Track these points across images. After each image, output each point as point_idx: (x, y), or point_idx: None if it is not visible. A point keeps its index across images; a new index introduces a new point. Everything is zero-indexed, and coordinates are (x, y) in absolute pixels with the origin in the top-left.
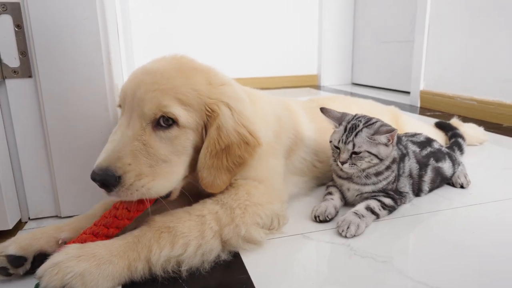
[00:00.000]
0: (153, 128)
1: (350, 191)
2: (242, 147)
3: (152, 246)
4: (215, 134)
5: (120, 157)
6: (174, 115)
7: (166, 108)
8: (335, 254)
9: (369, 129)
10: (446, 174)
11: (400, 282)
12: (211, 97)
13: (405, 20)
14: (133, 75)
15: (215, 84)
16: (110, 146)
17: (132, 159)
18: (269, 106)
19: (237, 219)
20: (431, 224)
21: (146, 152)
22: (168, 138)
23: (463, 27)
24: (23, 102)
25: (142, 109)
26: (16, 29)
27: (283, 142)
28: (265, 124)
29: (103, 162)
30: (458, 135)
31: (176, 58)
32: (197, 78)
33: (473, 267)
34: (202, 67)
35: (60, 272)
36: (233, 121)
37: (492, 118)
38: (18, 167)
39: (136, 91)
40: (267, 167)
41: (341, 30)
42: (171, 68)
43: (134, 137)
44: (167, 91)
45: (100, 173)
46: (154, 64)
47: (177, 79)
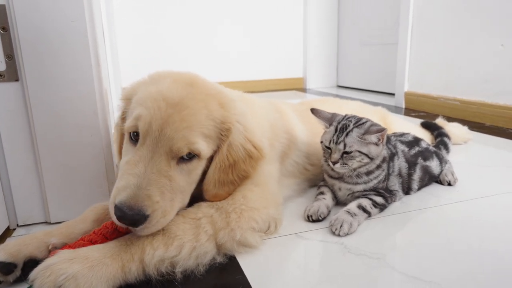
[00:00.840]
0: (177, 163)
1: (342, 190)
2: (246, 162)
3: (146, 247)
4: (225, 151)
5: (149, 195)
6: (198, 150)
7: (193, 145)
8: (329, 252)
9: (360, 129)
10: (434, 173)
11: (394, 277)
12: (225, 121)
13: (388, 22)
14: (154, 104)
15: (226, 105)
16: (132, 181)
17: (160, 196)
18: (262, 112)
19: (232, 223)
20: (420, 221)
21: (170, 187)
22: (188, 170)
23: (445, 28)
24: (10, 107)
25: (171, 147)
26: (2, 32)
27: (276, 148)
28: (260, 132)
29: (131, 200)
30: (444, 134)
31: (191, 83)
32: (212, 105)
33: (463, 261)
34: (213, 88)
35: (53, 274)
36: (241, 137)
37: (475, 118)
38: (5, 173)
39: (164, 128)
40: (262, 172)
41: (326, 33)
42: (193, 98)
43: (161, 173)
44: (194, 128)
45: (130, 213)
46: (173, 93)
47: (200, 112)
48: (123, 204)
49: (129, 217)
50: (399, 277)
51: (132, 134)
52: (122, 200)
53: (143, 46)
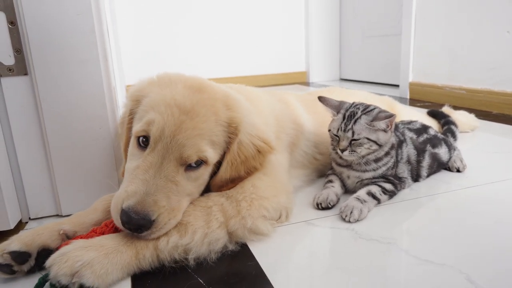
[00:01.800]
0: (185, 170)
1: (350, 178)
2: (256, 157)
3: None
4: (236, 149)
5: (156, 201)
6: (206, 158)
7: (202, 153)
8: (341, 238)
9: (368, 116)
10: (442, 160)
11: (406, 261)
12: (232, 123)
13: (391, 13)
14: (168, 110)
15: (233, 106)
16: (142, 187)
17: (166, 201)
18: (267, 105)
19: (243, 212)
20: (431, 206)
21: (176, 191)
22: (195, 176)
23: (449, 17)
24: (20, 101)
25: (181, 154)
26: (10, 26)
27: (283, 139)
28: (266, 125)
29: (137, 206)
30: (451, 122)
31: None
32: (220, 108)
33: (476, 244)
34: (219, 91)
35: (69, 260)
36: (249, 134)
37: (481, 106)
38: (16, 167)
39: (177, 135)
40: (270, 162)
41: (328, 26)
42: (204, 104)
43: (168, 179)
44: (204, 136)
45: (136, 218)
46: (185, 99)
47: (211, 119)
48: (130, 209)
49: (134, 221)
50: (412, 261)
51: (141, 139)
52: (130, 205)
53: (145, 41)
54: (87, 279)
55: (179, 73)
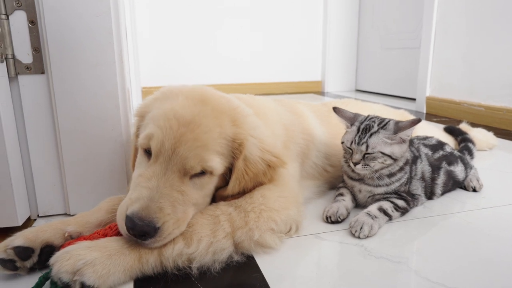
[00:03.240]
0: (190, 178)
1: (362, 192)
2: (266, 173)
3: None
4: (243, 165)
5: (161, 208)
6: (211, 168)
7: (206, 163)
8: (349, 254)
9: (386, 130)
10: (458, 178)
11: (416, 282)
12: (236, 139)
13: (410, 26)
14: (166, 123)
15: (239, 122)
16: (145, 193)
17: (171, 209)
18: (276, 115)
19: (251, 223)
20: (445, 226)
21: (182, 200)
22: (201, 184)
23: (469, 33)
24: (35, 99)
25: (184, 165)
26: (30, 25)
27: (292, 149)
28: (275, 138)
29: (142, 212)
30: (468, 139)
31: (204, 100)
32: (225, 122)
33: (490, 269)
34: (228, 106)
35: (72, 258)
36: (257, 149)
37: (500, 124)
38: (28, 164)
39: (177, 147)
40: (280, 172)
41: (346, 36)
42: (205, 115)
43: (173, 188)
44: (207, 147)
45: (140, 224)
46: (186, 111)
47: (213, 130)
48: (134, 215)
49: (139, 227)
50: (422, 282)
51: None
52: (134, 211)
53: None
54: (88, 278)
55: (183, 85)
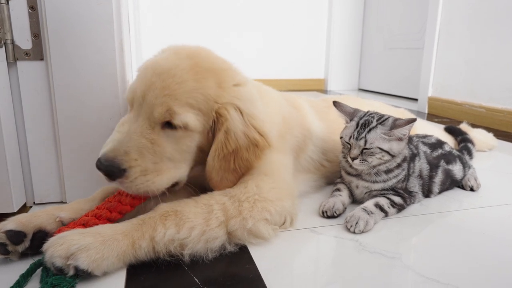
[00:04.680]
0: (162, 127)
1: (359, 188)
2: (250, 150)
3: (157, 226)
4: (223, 138)
5: (127, 151)
6: (183, 122)
7: (176, 115)
8: (344, 249)
9: (384, 125)
10: (456, 177)
11: (410, 277)
12: (219, 101)
13: (414, 27)
14: (143, 72)
15: (227, 86)
16: (117, 137)
17: (138, 155)
18: (276, 104)
19: (245, 212)
20: (441, 223)
21: (152, 150)
22: (174, 137)
23: (472, 34)
24: (34, 85)
25: (152, 112)
26: (30, 11)
27: (288, 141)
28: (270, 121)
29: (109, 153)
30: (468, 140)
31: (191, 55)
32: (208, 81)
33: (484, 267)
34: (217, 66)
35: (66, 243)
36: (242, 124)
37: (501, 126)
38: (25, 151)
39: (146, 94)
40: (272, 161)
41: (350, 35)
42: (183, 68)
43: (142, 135)
44: (177, 97)
45: (106, 164)
46: (166, 62)
47: (188, 83)
48: (102, 156)
49: (104, 167)
50: (416, 278)
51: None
52: (103, 152)
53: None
54: (82, 262)
55: (184, 44)
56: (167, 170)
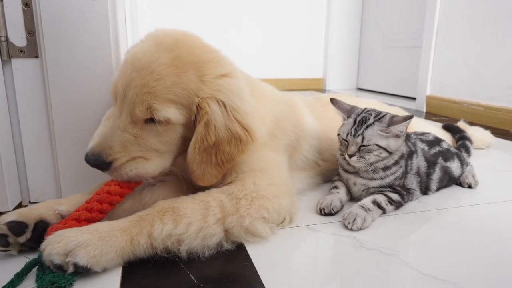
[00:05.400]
0: (145, 122)
1: (357, 185)
2: (232, 144)
3: (155, 222)
4: (203, 130)
5: (111, 146)
6: (164, 117)
7: (157, 112)
8: (341, 246)
9: (381, 122)
10: (454, 174)
11: (408, 274)
12: (199, 95)
13: (413, 26)
14: (124, 66)
15: (209, 79)
16: (103, 131)
17: (122, 148)
18: (268, 102)
19: (242, 210)
20: (438, 220)
21: (136, 142)
22: (157, 130)
23: (471, 33)
24: (28, 83)
25: (134, 109)
26: (24, 8)
27: (280, 139)
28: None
29: (95, 147)
30: (466, 137)
31: (172, 47)
32: (189, 75)
33: (482, 263)
34: (199, 58)
35: (64, 240)
36: (224, 117)
37: (499, 124)
38: (20, 149)
39: (127, 91)
40: (263, 157)
41: (348, 34)
42: (162, 63)
43: (125, 130)
44: (157, 94)
45: (93, 158)
46: (145, 57)
47: (167, 79)
48: (89, 151)
49: (92, 161)
50: (413, 274)
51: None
52: (90, 147)
53: None
54: (80, 259)
55: (170, 29)
56: (154, 158)
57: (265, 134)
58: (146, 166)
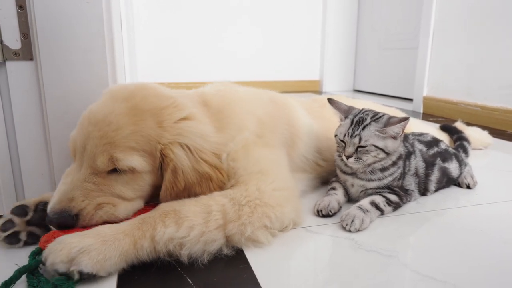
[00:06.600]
0: (107, 173)
1: (354, 187)
2: (203, 184)
3: (157, 224)
4: (171, 177)
5: (72, 198)
6: (128, 166)
7: (120, 162)
8: (340, 247)
9: (378, 122)
10: (452, 175)
11: (407, 275)
12: (161, 142)
13: (409, 27)
14: (81, 122)
15: (168, 125)
16: (62, 188)
17: (84, 197)
18: (248, 107)
19: (244, 217)
20: (437, 221)
21: (98, 189)
22: (123, 179)
23: (467, 33)
24: (23, 86)
25: (95, 161)
26: (19, 10)
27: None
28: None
29: (55, 205)
30: (464, 138)
31: (128, 97)
32: (147, 122)
33: (482, 264)
34: (155, 105)
35: (66, 248)
36: (190, 160)
37: (496, 124)
38: (15, 152)
39: (85, 145)
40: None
41: (344, 36)
42: (119, 113)
43: (86, 180)
44: (117, 143)
45: (55, 217)
46: (101, 110)
47: (126, 127)
48: (50, 211)
49: (55, 220)
50: (412, 275)
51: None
52: (50, 207)
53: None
54: (85, 266)
55: (127, 83)
56: (122, 203)
57: (252, 137)
58: (118, 210)
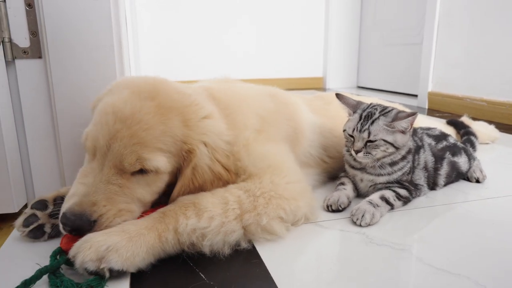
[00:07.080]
0: (131, 174)
1: (364, 182)
2: (214, 184)
3: (179, 217)
4: (190, 174)
5: (95, 202)
6: (154, 167)
7: (147, 162)
8: (351, 242)
9: (386, 117)
10: (462, 169)
11: (420, 269)
12: (187, 141)
13: (412, 22)
14: (104, 118)
15: (192, 123)
16: (81, 189)
17: (107, 201)
18: (251, 104)
19: (260, 208)
20: (448, 215)
21: (122, 192)
22: (145, 181)
23: (472, 28)
24: (32, 83)
25: (121, 162)
26: (27, 9)
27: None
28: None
29: (75, 207)
30: (471, 132)
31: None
32: (174, 121)
33: (495, 257)
34: (180, 103)
35: (94, 246)
36: (208, 159)
37: (502, 119)
38: (25, 150)
39: (112, 144)
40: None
41: (348, 32)
42: (147, 112)
43: (109, 182)
44: (147, 144)
45: (73, 218)
46: (127, 106)
47: (156, 128)
48: (68, 211)
49: (70, 222)
50: (426, 269)
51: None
52: (68, 207)
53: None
54: (115, 263)
55: (138, 77)
56: (136, 210)
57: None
58: (126, 216)
